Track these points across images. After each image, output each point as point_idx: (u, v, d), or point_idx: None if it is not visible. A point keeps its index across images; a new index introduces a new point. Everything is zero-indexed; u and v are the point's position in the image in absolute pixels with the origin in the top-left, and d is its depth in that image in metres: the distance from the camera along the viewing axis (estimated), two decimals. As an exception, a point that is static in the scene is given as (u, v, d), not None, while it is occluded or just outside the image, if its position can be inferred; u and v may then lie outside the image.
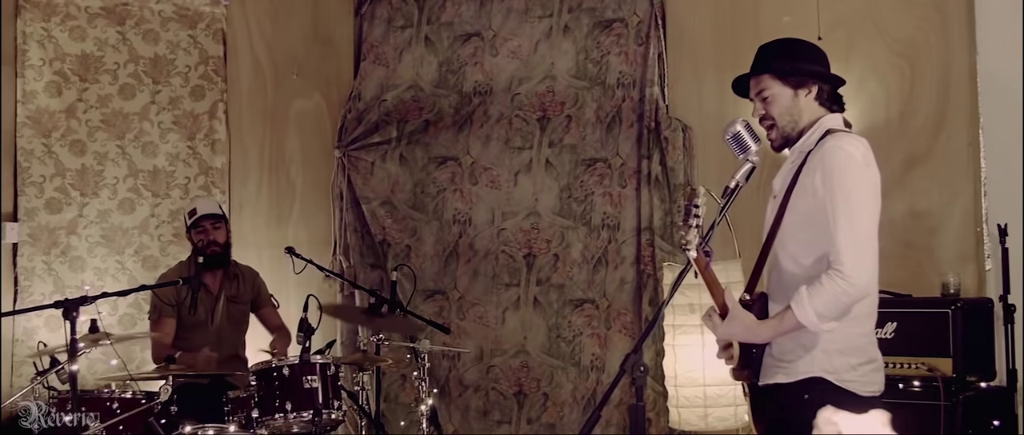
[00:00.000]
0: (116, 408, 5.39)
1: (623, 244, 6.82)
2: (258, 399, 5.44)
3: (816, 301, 3.53)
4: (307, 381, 5.43)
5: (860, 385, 3.68)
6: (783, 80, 3.87)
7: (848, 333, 3.67)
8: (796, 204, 3.74)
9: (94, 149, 7.24)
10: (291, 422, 5.43)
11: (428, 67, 7.37)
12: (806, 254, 3.71)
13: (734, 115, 6.52)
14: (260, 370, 5.51)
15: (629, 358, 3.75)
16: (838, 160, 3.63)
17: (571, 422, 6.91)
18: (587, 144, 6.97)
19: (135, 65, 7.34)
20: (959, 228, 6.08)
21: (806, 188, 3.70)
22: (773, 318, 3.67)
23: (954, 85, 6.16)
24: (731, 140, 3.93)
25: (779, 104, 3.89)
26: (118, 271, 7.24)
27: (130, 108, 7.33)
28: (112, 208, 7.26)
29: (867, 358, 3.72)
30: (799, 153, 3.84)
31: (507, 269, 7.11)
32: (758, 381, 3.83)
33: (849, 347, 3.68)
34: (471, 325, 7.17)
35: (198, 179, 7.43)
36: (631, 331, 6.79)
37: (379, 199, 7.39)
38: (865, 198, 3.62)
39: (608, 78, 6.93)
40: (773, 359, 3.78)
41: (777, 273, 3.83)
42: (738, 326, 3.71)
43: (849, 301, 3.56)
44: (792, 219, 3.75)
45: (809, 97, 3.86)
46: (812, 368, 3.68)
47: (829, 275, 3.54)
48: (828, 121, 3.84)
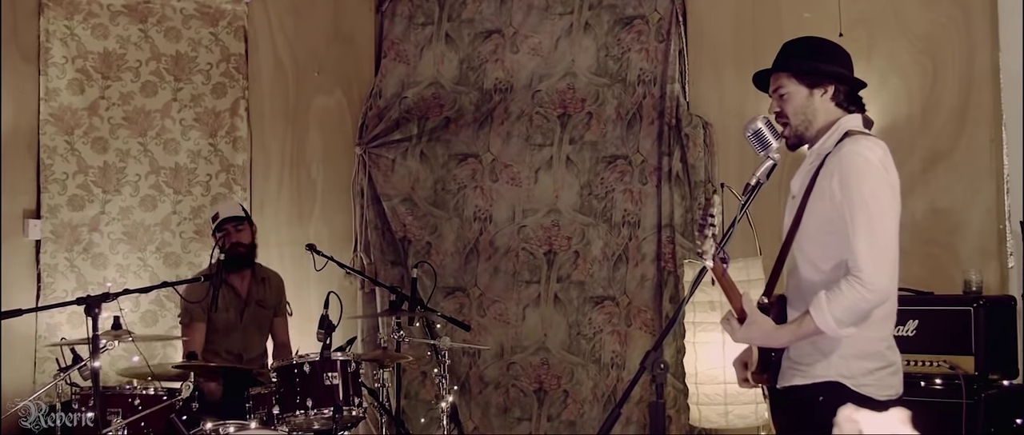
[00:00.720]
0: (138, 405, 5.42)
1: (644, 241, 6.81)
2: (280, 396, 5.47)
3: (835, 307, 3.52)
4: (328, 378, 5.45)
5: (876, 389, 3.66)
6: (799, 79, 3.86)
7: (866, 338, 3.65)
8: (814, 207, 3.72)
9: (116, 146, 7.28)
10: (312, 419, 5.46)
11: (449, 64, 7.37)
12: (825, 259, 3.69)
13: (755, 112, 6.53)
14: (281, 367, 5.53)
15: (649, 355, 3.75)
16: (856, 164, 3.61)
17: (591, 419, 6.91)
18: (608, 141, 6.96)
19: (157, 63, 7.38)
20: (981, 225, 6.05)
21: (824, 192, 3.67)
22: (792, 323, 3.65)
23: (976, 82, 6.13)
24: (752, 137, 3.92)
25: (794, 102, 3.87)
26: (140, 268, 7.28)
27: (152, 105, 7.36)
28: (134, 205, 7.30)
29: (885, 362, 3.70)
30: (817, 155, 3.81)
31: (527, 266, 7.11)
32: (776, 384, 3.82)
33: (866, 352, 3.67)
34: (491, 322, 7.17)
35: (219, 176, 7.45)
36: (651, 328, 6.78)
37: (400, 196, 7.40)
38: (883, 202, 3.60)
39: (629, 75, 6.92)
40: (791, 362, 3.78)
41: (796, 276, 3.82)
42: (756, 331, 3.70)
43: (868, 307, 3.54)
44: (810, 222, 3.73)
45: (825, 97, 3.84)
46: (829, 372, 3.67)
47: (848, 281, 3.52)
48: (847, 122, 3.81)
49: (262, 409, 5.57)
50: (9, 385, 6.61)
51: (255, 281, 6.46)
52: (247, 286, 6.44)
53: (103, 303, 4.99)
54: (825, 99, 3.83)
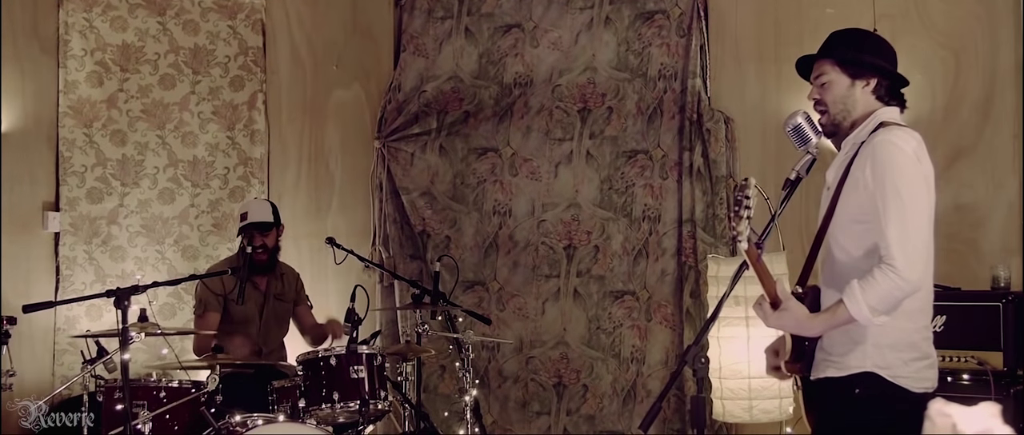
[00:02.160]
0: (163, 397, 5.42)
1: (664, 236, 6.81)
2: (304, 389, 5.47)
3: (869, 295, 3.52)
4: (354, 371, 5.45)
5: (912, 381, 3.67)
6: (842, 68, 3.86)
7: (900, 328, 3.65)
8: (847, 197, 3.73)
9: (135, 139, 7.28)
10: (338, 412, 5.46)
11: (468, 58, 7.36)
12: (856, 246, 3.70)
13: (776, 107, 6.60)
14: (307, 360, 5.53)
15: (690, 350, 3.76)
16: (888, 154, 3.61)
17: (611, 413, 6.91)
18: (628, 136, 6.95)
19: (175, 55, 7.38)
20: (1004, 221, 6.06)
21: (857, 181, 3.68)
22: (825, 312, 3.65)
23: (999, 78, 6.14)
24: (792, 132, 3.92)
25: (834, 91, 3.87)
26: (158, 261, 7.28)
27: (170, 98, 7.36)
28: (152, 198, 7.30)
29: (920, 354, 3.71)
30: (852, 145, 3.82)
31: (547, 260, 7.11)
32: (809, 375, 3.82)
33: (901, 342, 3.67)
34: (510, 316, 7.17)
35: (237, 169, 7.45)
36: (671, 323, 6.78)
37: (419, 190, 7.40)
38: (916, 192, 3.60)
39: (649, 70, 6.92)
40: (824, 353, 3.78)
41: (830, 265, 3.83)
42: (789, 318, 3.69)
43: (901, 295, 3.54)
44: (844, 212, 3.74)
45: (866, 89, 3.84)
46: (863, 363, 3.67)
47: (882, 269, 3.52)
48: (882, 114, 3.82)
49: (286, 402, 5.58)
50: (29, 377, 6.61)
51: (274, 276, 6.47)
52: (266, 281, 6.44)
53: (132, 296, 5.03)
54: (866, 91, 3.83)
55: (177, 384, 5.51)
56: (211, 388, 5.37)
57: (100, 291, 6.88)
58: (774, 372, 4.01)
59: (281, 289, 6.48)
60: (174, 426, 5.42)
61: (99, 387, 5.44)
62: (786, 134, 3.95)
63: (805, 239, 6.23)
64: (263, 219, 6.37)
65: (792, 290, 3.79)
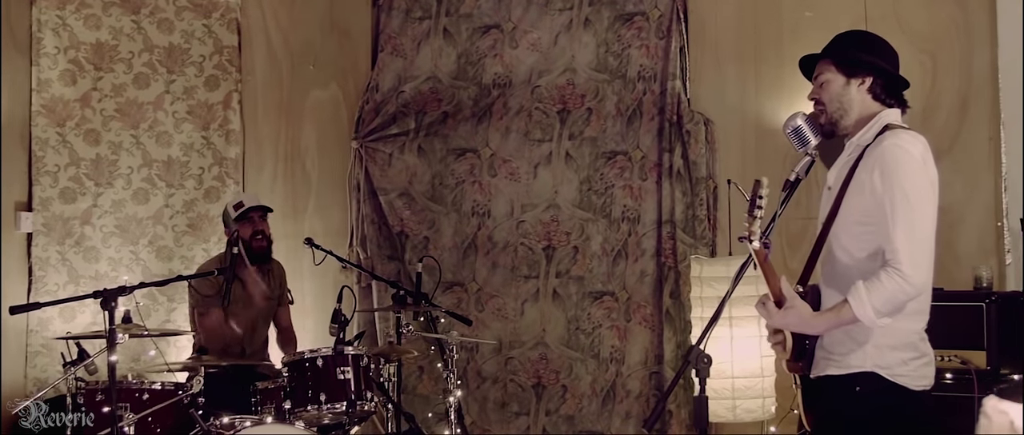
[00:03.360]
0: (146, 399, 5.37)
1: (643, 237, 6.84)
2: (290, 390, 5.44)
3: (874, 297, 3.56)
4: (341, 372, 5.44)
5: (911, 380, 3.73)
6: (838, 67, 3.90)
7: (901, 329, 3.71)
8: (852, 199, 3.77)
9: (108, 138, 7.21)
10: (324, 413, 5.44)
11: (446, 59, 7.35)
12: (859, 248, 3.74)
13: (756, 109, 6.66)
14: (293, 361, 5.50)
15: (693, 350, 3.79)
16: (897, 158, 3.66)
17: (590, 414, 6.93)
18: (607, 137, 6.98)
19: (150, 54, 7.31)
20: (980, 222, 6.14)
21: (863, 184, 3.72)
22: (830, 311, 3.69)
23: (975, 81, 6.23)
24: (792, 134, 3.96)
25: (830, 90, 3.92)
26: (132, 261, 7.21)
27: (144, 97, 7.30)
28: (126, 198, 7.23)
29: (918, 353, 3.77)
30: (856, 146, 3.86)
31: (526, 261, 7.12)
32: (810, 373, 3.86)
33: (901, 342, 3.73)
34: (490, 317, 7.17)
35: (212, 170, 7.40)
36: (651, 324, 6.81)
37: (397, 190, 7.37)
38: (923, 196, 3.65)
39: (629, 71, 6.95)
40: (825, 352, 3.82)
41: (831, 265, 3.87)
42: (794, 316, 3.73)
43: (905, 298, 3.59)
44: (847, 213, 3.78)
45: (862, 89, 3.88)
46: (864, 362, 3.72)
47: (888, 272, 3.56)
48: (887, 117, 3.86)
49: (270, 404, 5.54)
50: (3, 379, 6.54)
51: (261, 273, 6.40)
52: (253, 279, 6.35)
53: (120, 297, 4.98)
54: (862, 90, 3.88)
55: (160, 386, 5.46)
56: (196, 390, 5.33)
57: (73, 292, 6.93)
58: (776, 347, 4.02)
59: (269, 285, 6.41)
60: (157, 429, 5.36)
61: (80, 389, 5.37)
62: (786, 136, 3.98)
63: (784, 239, 6.29)
64: (261, 203, 6.35)
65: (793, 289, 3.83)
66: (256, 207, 6.34)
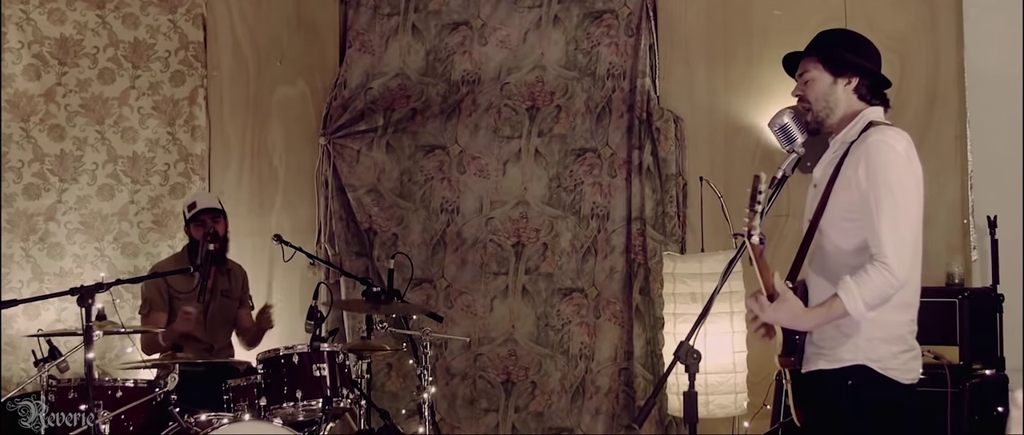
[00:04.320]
0: (119, 396, 5.31)
1: (613, 234, 6.87)
2: (266, 386, 5.41)
3: (864, 291, 3.62)
4: (316, 369, 5.41)
5: (901, 373, 3.79)
6: (825, 66, 3.94)
7: (890, 321, 3.77)
8: (838, 194, 3.82)
9: (73, 134, 7.14)
10: (299, 410, 5.40)
11: (415, 55, 7.33)
12: (847, 242, 3.80)
13: (725, 107, 6.72)
14: (268, 358, 5.47)
15: (682, 346, 3.82)
16: (882, 153, 3.72)
17: (559, 410, 6.95)
18: (577, 134, 6.99)
19: (115, 49, 7.25)
20: (947, 220, 6.24)
21: (849, 180, 3.77)
22: (821, 306, 3.73)
23: (942, 81, 6.32)
24: (779, 131, 4.00)
25: (816, 88, 3.96)
26: (97, 258, 7.15)
27: (109, 93, 7.23)
28: (91, 194, 7.17)
29: (908, 346, 3.84)
30: (841, 144, 3.91)
31: (495, 258, 7.12)
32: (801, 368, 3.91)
33: (891, 335, 3.79)
34: (459, 314, 7.16)
35: (178, 166, 7.34)
36: (620, 320, 6.84)
37: (365, 187, 7.34)
38: (908, 191, 3.72)
39: (598, 69, 6.97)
40: (815, 347, 3.87)
41: (820, 259, 3.92)
42: (786, 311, 3.77)
43: (891, 291, 3.65)
44: (834, 208, 3.83)
45: (848, 88, 3.94)
46: (855, 356, 3.77)
47: (874, 266, 3.62)
48: (870, 114, 3.93)
49: (243, 401, 5.49)
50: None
51: (220, 273, 6.35)
52: (213, 279, 6.31)
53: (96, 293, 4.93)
54: (848, 90, 3.93)
55: (133, 384, 5.40)
56: (170, 387, 5.29)
57: (37, 290, 6.87)
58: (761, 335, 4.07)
59: (228, 286, 6.37)
60: (129, 426, 5.31)
61: (51, 386, 5.31)
62: (773, 133, 4.02)
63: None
64: (213, 205, 6.31)
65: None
66: (207, 209, 6.28)
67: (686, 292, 5.98)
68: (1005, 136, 6.16)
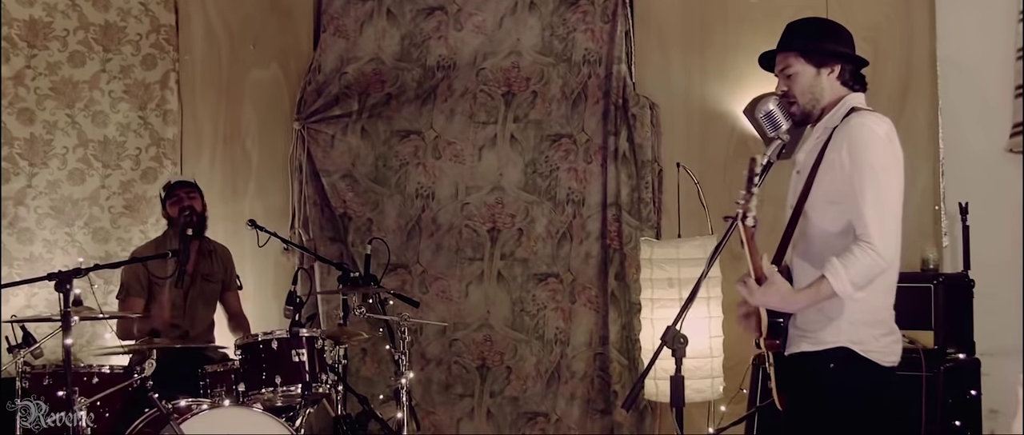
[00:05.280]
0: (96, 383, 5.28)
1: (588, 219, 6.88)
2: (244, 372, 5.40)
3: (851, 271, 3.67)
4: (296, 355, 5.40)
5: (882, 355, 3.85)
6: (807, 58, 3.98)
7: (872, 305, 3.84)
8: (823, 178, 3.87)
9: (43, 118, 7.07)
10: (278, 395, 5.40)
11: (390, 40, 7.31)
12: (832, 224, 3.85)
13: (701, 93, 6.74)
14: (246, 344, 5.45)
15: (669, 330, 3.84)
16: (864, 137, 3.78)
17: (535, 395, 6.96)
18: (552, 120, 7.00)
19: (85, 32, 7.17)
20: (919, 206, 6.29)
21: (833, 164, 3.83)
22: (809, 288, 3.78)
23: (915, 69, 6.37)
24: (764, 118, 4.03)
25: (801, 82, 4.00)
26: (68, 243, 7.09)
27: (80, 76, 7.17)
28: (62, 179, 7.11)
29: (888, 329, 3.91)
30: (824, 129, 3.96)
31: (470, 243, 7.12)
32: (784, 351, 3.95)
33: (873, 319, 3.85)
34: (434, 299, 7.16)
35: (150, 150, 7.29)
36: (595, 305, 6.86)
37: (340, 172, 7.32)
38: (890, 173, 3.79)
39: (574, 55, 6.97)
40: (798, 330, 3.92)
41: (805, 243, 3.96)
42: (775, 294, 3.81)
43: (877, 271, 3.71)
44: (819, 192, 3.88)
45: (832, 76, 3.99)
46: (838, 338, 3.83)
47: (860, 246, 3.69)
48: (852, 100, 3.98)
49: (219, 387, 5.48)
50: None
51: (201, 254, 6.32)
52: (193, 260, 6.26)
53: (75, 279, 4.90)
54: (832, 78, 3.98)
55: (108, 370, 5.37)
56: (148, 373, 5.27)
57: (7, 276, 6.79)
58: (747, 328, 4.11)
59: (210, 268, 6.34)
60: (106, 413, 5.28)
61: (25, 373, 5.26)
62: (758, 120, 4.05)
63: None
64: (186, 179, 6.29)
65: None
66: (182, 183, 6.26)
67: (663, 277, 6.01)
68: (975, 124, 6.22)
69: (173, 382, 5.56)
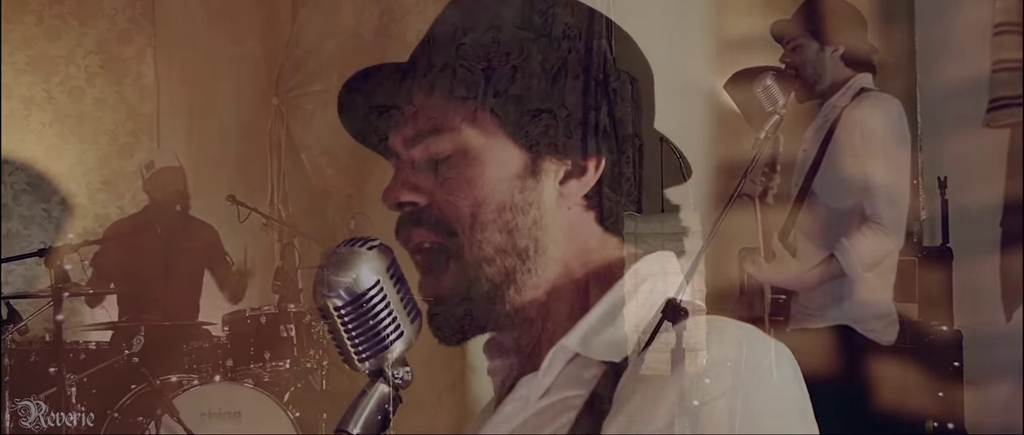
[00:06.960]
0: (83, 359, 5.28)
1: (569, 194, 6.91)
2: (232, 347, 5.40)
3: (861, 251, 3.71)
4: (284, 330, 5.41)
5: (880, 335, 3.90)
6: (813, 34, 4.01)
7: (875, 284, 3.87)
8: (831, 158, 3.89)
9: (19, 93, 6.99)
10: (266, 370, 5.40)
11: (369, 15, 7.28)
12: (839, 204, 3.88)
13: (682, 70, 6.75)
14: (234, 319, 5.45)
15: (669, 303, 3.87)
16: (876, 117, 3.82)
17: (520, 369, 6.99)
18: (532, 95, 6.99)
19: (60, 6, 7.13)
20: (898, 181, 6.38)
21: (842, 143, 3.85)
22: (818, 266, 3.81)
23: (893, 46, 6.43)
24: (762, 93, 4.04)
25: (805, 55, 4.02)
26: (44, 220, 7.04)
27: (55, 51, 7.10)
28: (38, 154, 7.03)
29: (887, 309, 3.95)
30: (832, 108, 3.99)
31: (451, 219, 7.13)
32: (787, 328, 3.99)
33: (875, 298, 3.89)
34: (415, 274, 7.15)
35: (126, 125, 7.24)
36: (576, 280, 6.89)
37: (320, 147, 7.30)
38: (900, 154, 3.82)
39: (554, 29, 6.94)
40: (801, 307, 3.95)
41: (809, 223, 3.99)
42: (783, 271, 3.84)
43: (886, 252, 3.76)
44: (827, 170, 3.91)
45: (836, 55, 4.02)
46: (840, 317, 3.86)
47: (870, 226, 3.72)
48: (861, 80, 4.01)
49: (205, 362, 5.47)
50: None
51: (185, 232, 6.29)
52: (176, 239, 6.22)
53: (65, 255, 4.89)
54: (835, 57, 4.01)
55: (95, 346, 5.36)
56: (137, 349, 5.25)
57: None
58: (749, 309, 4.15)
59: (192, 246, 6.31)
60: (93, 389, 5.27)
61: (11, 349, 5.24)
62: (757, 95, 4.07)
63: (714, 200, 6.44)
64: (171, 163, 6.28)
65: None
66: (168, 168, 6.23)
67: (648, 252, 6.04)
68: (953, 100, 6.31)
69: (157, 358, 5.53)
